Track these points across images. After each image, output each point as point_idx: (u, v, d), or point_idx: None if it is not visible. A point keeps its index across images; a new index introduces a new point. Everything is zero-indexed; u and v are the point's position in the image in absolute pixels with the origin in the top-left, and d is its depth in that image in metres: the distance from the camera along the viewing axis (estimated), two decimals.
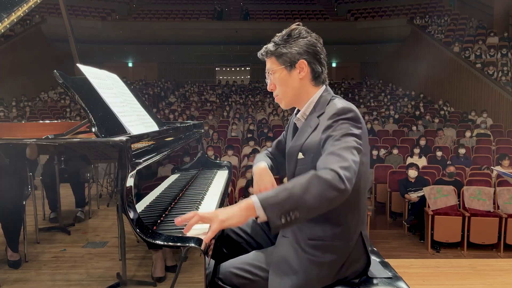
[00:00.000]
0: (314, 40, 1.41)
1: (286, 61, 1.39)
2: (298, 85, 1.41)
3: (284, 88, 1.42)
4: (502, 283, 3.13)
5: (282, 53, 1.39)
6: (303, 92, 1.43)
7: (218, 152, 7.85)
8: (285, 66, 1.40)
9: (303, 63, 1.39)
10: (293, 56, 1.38)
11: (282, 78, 1.41)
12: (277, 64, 1.41)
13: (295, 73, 1.40)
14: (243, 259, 1.45)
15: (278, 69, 1.41)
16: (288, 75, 1.41)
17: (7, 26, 1.78)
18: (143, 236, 1.19)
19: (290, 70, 1.40)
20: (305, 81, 1.41)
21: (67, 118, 11.20)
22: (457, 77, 13.00)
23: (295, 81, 1.41)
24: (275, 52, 1.41)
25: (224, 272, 1.42)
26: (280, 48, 1.40)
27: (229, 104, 13.42)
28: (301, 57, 1.38)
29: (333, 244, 1.34)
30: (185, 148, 2.16)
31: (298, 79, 1.40)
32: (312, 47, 1.39)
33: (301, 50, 1.38)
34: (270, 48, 1.42)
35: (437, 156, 7.73)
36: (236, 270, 1.41)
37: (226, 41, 17.57)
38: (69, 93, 1.45)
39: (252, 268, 1.41)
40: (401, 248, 5.59)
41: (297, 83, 1.41)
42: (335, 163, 1.17)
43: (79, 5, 16.89)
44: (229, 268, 1.43)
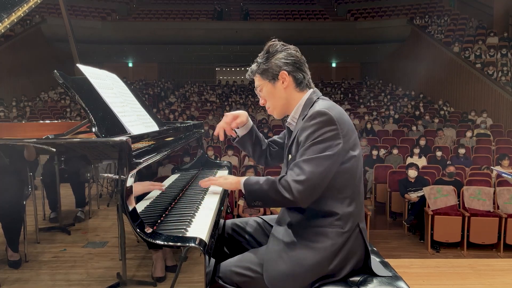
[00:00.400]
0: (292, 51, 1.53)
1: (269, 75, 1.53)
2: (284, 94, 1.53)
3: (273, 100, 1.56)
4: (502, 283, 3.13)
5: (264, 69, 1.53)
6: (291, 100, 1.54)
7: (218, 152, 7.85)
8: (268, 80, 1.53)
9: (284, 74, 1.51)
10: (274, 70, 1.51)
11: (269, 91, 1.55)
12: (262, 80, 1.55)
13: (279, 84, 1.52)
14: (242, 257, 1.48)
15: (264, 84, 1.55)
16: (273, 88, 1.54)
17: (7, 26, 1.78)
18: (143, 236, 1.19)
19: (274, 82, 1.53)
20: (289, 89, 1.53)
21: (67, 118, 11.21)
22: (457, 77, 13.00)
23: (281, 91, 1.53)
24: (258, 69, 1.55)
25: (224, 271, 1.45)
26: (262, 65, 1.54)
27: (229, 104, 13.42)
28: (281, 69, 1.51)
29: (326, 230, 1.40)
30: (185, 148, 2.16)
31: (283, 89, 1.52)
32: (290, 58, 1.52)
33: (280, 62, 1.51)
34: (254, 67, 1.57)
35: (437, 156, 7.73)
36: (236, 268, 1.44)
37: (226, 41, 17.57)
38: (69, 93, 1.44)
39: (252, 265, 1.43)
40: (401, 248, 5.59)
41: (283, 93, 1.53)
42: (291, 175, 1.37)
43: (79, 5, 16.89)
44: (229, 267, 1.45)
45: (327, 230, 1.40)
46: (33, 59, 13.74)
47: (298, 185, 1.34)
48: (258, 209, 5.46)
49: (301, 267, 1.38)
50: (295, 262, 1.39)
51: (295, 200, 1.35)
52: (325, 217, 1.41)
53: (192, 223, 1.42)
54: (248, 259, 1.45)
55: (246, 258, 1.47)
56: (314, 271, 1.38)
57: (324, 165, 1.35)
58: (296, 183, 1.35)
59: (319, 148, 1.36)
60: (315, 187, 1.36)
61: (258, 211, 5.44)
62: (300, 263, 1.38)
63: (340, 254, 1.40)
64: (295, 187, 1.34)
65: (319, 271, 1.39)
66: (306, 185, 1.34)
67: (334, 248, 1.39)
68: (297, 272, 1.38)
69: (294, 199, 1.35)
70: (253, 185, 1.44)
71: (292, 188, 1.35)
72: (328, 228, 1.40)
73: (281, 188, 1.37)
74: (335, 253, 1.39)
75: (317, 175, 1.35)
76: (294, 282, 1.39)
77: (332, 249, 1.39)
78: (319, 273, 1.39)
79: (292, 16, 18.76)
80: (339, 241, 1.39)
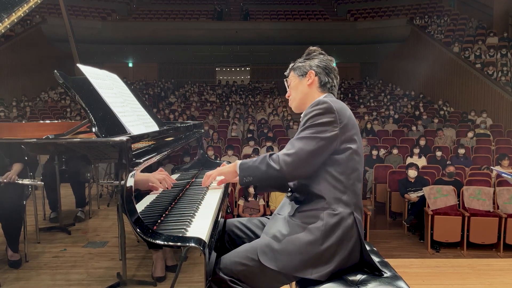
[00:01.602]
0: (328, 60, 1.71)
1: (299, 71, 1.71)
2: (306, 90, 1.68)
3: (295, 92, 1.72)
4: (501, 283, 3.13)
5: (298, 66, 1.72)
6: (309, 97, 1.67)
7: (218, 152, 7.85)
8: (298, 75, 1.71)
9: (312, 73, 1.68)
10: (305, 68, 1.70)
11: (295, 84, 1.72)
12: (293, 75, 1.73)
13: (305, 81, 1.69)
14: (241, 249, 1.53)
15: (293, 78, 1.72)
16: (299, 82, 1.70)
17: (8, 26, 1.78)
18: (143, 236, 1.19)
19: (302, 78, 1.70)
20: (312, 87, 1.68)
21: (68, 118, 11.20)
22: (457, 77, 13.00)
23: (304, 87, 1.69)
24: (293, 67, 1.74)
25: (224, 263, 1.48)
26: (297, 63, 1.73)
27: (229, 104, 13.43)
28: (311, 68, 1.68)
29: (318, 212, 1.48)
30: (185, 148, 2.16)
31: (307, 85, 1.68)
32: (323, 63, 1.69)
33: (313, 63, 1.69)
34: (292, 65, 1.76)
35: (436, 156, 7.73)
36: (235, 258, 1.48)
37: (226, 41, 17.56)
38: (69, 93, 1.45)
39: (249, 254, 1.47)
40: (401, 248, 5.59)
41: (305, 89, 1.69)
42: (284, 150, 1.51)
43: (79, 5, 16.89)
44: (228, 259, 1.49)
45: (319, 212, 1.48)
46: (33, 59, 13.74)
47: (286, 157, 1.46)
48: (258, 209, 5.47)
49: (293, 245, 1.44)
50: (288, 241, 1.46)
51: (281, 170, 1.46)
52: (318, 200, 1.49)
53: (192, 223, 1.43)
54: (247, 249, 1.50)
55: (245, 248, 1.51)
56: (307, 250, 1.43)
57: (314, 145, 1.46)
58: (284, 155, 1.47)
59: (314, 130, 1.48)
60: (301, 163, 1.46)
61: (258, 211, 5.45)
62: (293, 241, 1.45)
63: (333, 235, 1.44)
64: (282, 159, 1.47)
65: (312, 249, 1.43)
66: (293, 158, 1.46)
67: (326, 228, 1.44)
68: (289, 249, 1.44)
69: (280, 170, 1.46)
70: (247, 163, 1.57)
71: (280, 160, 1.47)
72: (320, 210, 1.48)
73: (270, 161, 1.48)
74: (326, 233, 1.44)
75: (305, 152, 1.45)
76: (287, 259, 1.43)
77: (324, 228, 1.44)
78: (312, 252, 1.43)
79: (292, 16, 18.75)
80: (330, 222, 1.45)
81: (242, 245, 1.55)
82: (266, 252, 1.45)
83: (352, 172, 1.51)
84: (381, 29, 16.63)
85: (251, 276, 1.46)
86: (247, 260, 1.46)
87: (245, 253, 1.48)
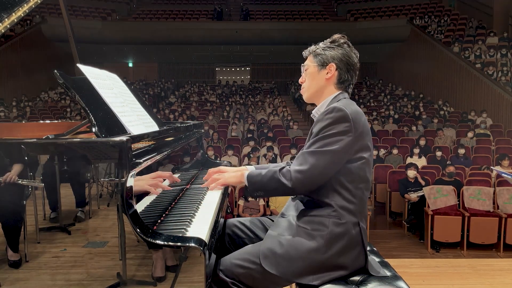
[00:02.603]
0: (352, 54, 1.57)
1: (319, 60, 1.57)
2: (322, 83, 1.57)
3: (310, 82, 1.60)
4: (501, 283, 3.13)
5: (319, 53, 1.58)
6: (325, 91, 1.58)
7: (218, 152, 7.85)
8: (317, 64, 1.58)
9: (332, 66, 1.55)
10: (326, 58, 1.56)
11: (311, 73, 1.59)
12: (312, 61, 1.59)
13: (323, 73, 1.57)
14: (242, 250, 1.51)
15: (311, 65, 1.59)
16: (317, 73, 1.58)
17: (7, 26, 1.78)
18: (144, 236, 1.19)
19: (321, 69, 1.57)
20: (329, 82, 1.57)
21: (68, 118, 11.20)
22: (456, 77, 12.99)
23: (321, 80, 1.57)
24: (314, 51, 1.60)
25: (224, 264, 1.47)
26: (319, 49, 1.59)
27: (229, 104, 13.42)
28: (333, 61, 1.55)
29: (324, 219, 1.43)
30: (185, 148, 2.16)
31: (324, 79, 1.57)
32: (347, 57, 1.56)
33: (336, 56, 1.56)
34: (312, 48, 1.62)
35: (436, 156, 7.73)
36: (236, 260, 1.46)
37: (226, 41, 17.55)
38: (69, 93, 1.45)
39: (251, 257, 1.45)
40: (401, 248, 5.60)
41: (322, 82, 1.57)
42: (295, 165, 1.44)
43: (79, 5, 16.87)
44: (229, 260, 1.48)
45: (324, 220, 1.43)
46: (33, 59, 13.74)
47: (299, 175, 1.41)
48: (258, 209, 5.47)
49: (296, 251, 1.41)
50: (291, 246, 1.42)
51: (293, 187, 1.42)
52: (324, 207, 1.45)
53: (192, 223, 1.42)
54: (248, 252, 1.48)
55: (246, 250, 1.49)
56: (310, 257, 1.40)
57: (328, 159, 1.40)
58: (297, 173, 1.41)
59: (327, 142, 1.40)
60: (314, 179, 1.41)
61: (258, 211, 5.45)
62: (296, 247, 1.42)
63: (337, 244, 1.41)
64: (295, 176, 1.41)
65: (315, 257, 1.40)
66: (306, 175, 1.40)
67: (331, 236, 1.41)
68: (292, 255, 1.41)
69: (293, 187, 1.42)
70: (255, 177, 1.51)
71: (292, 177, 1.41)
72: (325, 217, 1.43)
73: (281, 176, 1.43)
74: (331, 242, 1.41)
75: (319, 168, 1.40)
76: (289, 264, 1.40)
77: (328, 237, 1.41)
78: (314, 259, 1.40)
79: (292, 16, 18.74)
80: (335, 230, 1.41)
81: (244, 247, 1.53)
82: (268, 256, 1.42)
83: (361, 182, 1.47)
84: (381, 29, 16.61)
85: (252, 279, 1.44)
86: (249, 263, 1.44)
87: (247, 255, 1.46)
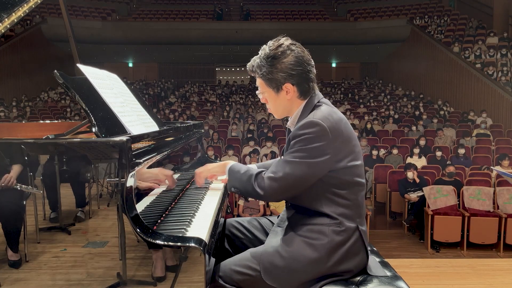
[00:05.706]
0: (299, 55, 1.45)
1: (272, 85, 1.48)
2: (286, 103, 1.51)
3: (273, 104, 1.54)
4: (502, 283, 3.13)
5: (269, 78, 1.47)
6: (293, 106, 1.52)
7: (218, 152, 7.85)
8: (272, 88, 1.49)
9: (288, 85, 1.46)
10: (279, 81, 1.46)
11: (271, 97, 1.52)
12: (265, 86, 1.50)
13: (283, 94, 1.48)
14: (242, 256, 1.48)
15: (265, 89, 1.51)
16: (276, 96, 1.50)
17: (8, 26, 1.78)
18: (144, 236, 1.19)
19: (278, 92, 1.48)
20: (293, 98, 1.49)
21: (68, 118, 11.19)
22: (456, 77, 12.99)
23: (283, 100, 1.50)
24: (262, 76, 1.49)
25: (224, 270, 1.45)
26: (266, 72, 1.46)
27: (229, 104, 13.42)
28: (286, 81, 1.45)
29: (323, 228, 1.41)
30: (185, 148, 2.16)
31: (286, 99, 1.49)
32: (297, 68, 1.44)
33: (286, 74, 1.44)
34: (257, 70, 1.49)
35: (436, 156, 7.73)
36: (235, 267, 1.44)
37: (226, 41, 17.56)
38: (69, 93, 1.45)
39: (251, 264, 1.43)
40: (401, 248, 5.60)
41: (285, 102, 1.50)
42: (269, 172, 1.42)
43: (79, 5, 16.88)
44: (228, 266, 1.46)
45: (324, 228, 1.41)
46: (33, 59, 13.74)
47: (272, 182, 1.40)
48: (258, 209, 5.47)
49: (298, 263, 1.39)
50: (292, 258, 1.39)
51: (265, 195, 1.42)
52: (322, 216, 1.43)
53: (192, 223, 1.42)
54: (248, 258, 1.45)
55: (245, 256, 1.47)
56: (312, 268, 1.39)
57: (303, 170, 1.37)
58: (270, 180, 1.40)
59: (303, 154, 1.37)
60: (287, 188, 1.40)
61: (258, 211, 5.45)
62: (297, 259, 1.39)
63: (339, 252, 1.40)
64: (268, 184, 1.40)
65: (317, 267, 1.39)
66: (279, 184, 1.39)
67: (332, 245, 1.39)
68: (294, 267, 1.39)
69: (265, 194, 1.41)
70: (235, 173, 1.53)
71: (265, 184, 1.41)
72: (325, 226, 1.41)
73: (255, 183, 1.43)
74: (333, 250, 1.39)
75: (293, 177, 1.38)
76: (291, 277, 1.39)
77: (329, 246, 1.39)
78: (316, 270, 1.39)
79: (292, 16, 18.75)
80: (336, 239, 1.40)
81: (242, 253, 1.51)
82: (269, 271, 1.40)
83: (354, 186, 1.44)
84: (381, 29, 16.62)
85: (251, 286, 1.43)
86: (248, 269, 1.42)
87: (246, 261, 1.44)
